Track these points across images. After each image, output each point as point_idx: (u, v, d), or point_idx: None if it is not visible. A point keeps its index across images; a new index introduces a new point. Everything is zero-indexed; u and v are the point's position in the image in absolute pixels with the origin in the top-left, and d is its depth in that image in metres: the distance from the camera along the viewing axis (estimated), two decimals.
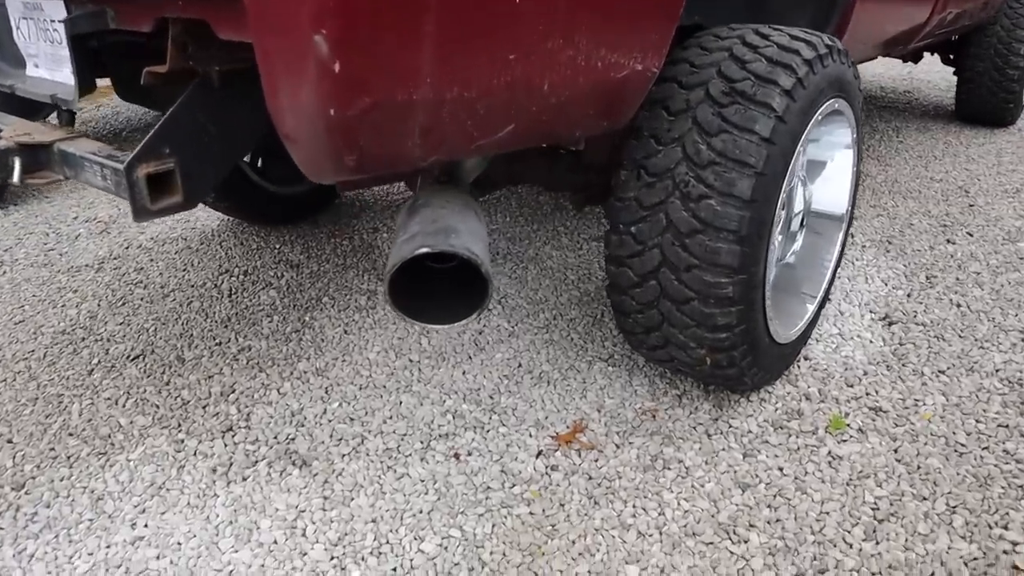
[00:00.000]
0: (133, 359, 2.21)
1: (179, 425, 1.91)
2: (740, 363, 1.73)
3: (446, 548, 1.53)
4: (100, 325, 2.40)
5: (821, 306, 2.13)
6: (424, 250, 1.11)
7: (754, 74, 1.58)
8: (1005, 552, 1.50)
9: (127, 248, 2.99)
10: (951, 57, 4.49)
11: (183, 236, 3.07)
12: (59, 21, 1.43)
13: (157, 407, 1.98)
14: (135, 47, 1.66)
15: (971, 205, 3.28)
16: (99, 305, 2.54)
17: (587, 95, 1.28)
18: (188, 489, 1.71)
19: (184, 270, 2.77)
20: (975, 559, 1.48)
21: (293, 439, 1.86)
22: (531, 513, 1.61)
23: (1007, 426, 1.86)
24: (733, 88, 1.57)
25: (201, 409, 1.97)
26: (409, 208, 1.29)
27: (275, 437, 1.86)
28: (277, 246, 2.94)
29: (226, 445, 1.84)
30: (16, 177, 1.50)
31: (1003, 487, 1.67)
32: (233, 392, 2.04)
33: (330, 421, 1.92)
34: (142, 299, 2.56)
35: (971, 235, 2.97)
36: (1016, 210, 3.22)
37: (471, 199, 1.35)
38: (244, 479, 1.73)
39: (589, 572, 1.47)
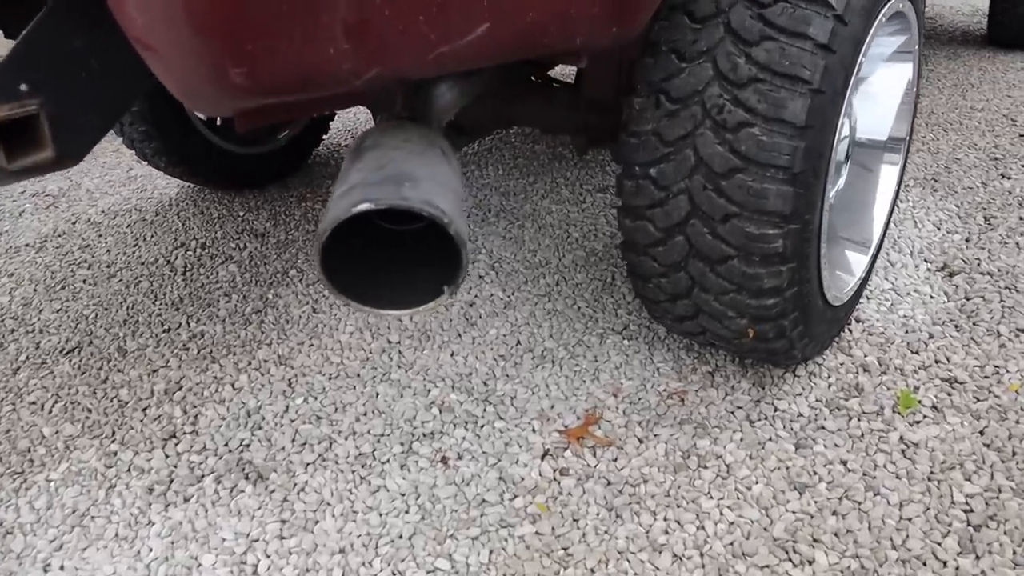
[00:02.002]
0: (67, 353, 1.88)
1: (113, 433, 1.59)
2: (790, 333, 1.40)
3: None
4: (34, 314, 2.07)
5: (875, 258, 1.79)
6: (364, 206, 0.77)
7: None
8: None
9: (74, 224, 2.64)
10: None
11: (137, 207, 2.73)
12: None
13: (89, 411, 1.66)
14: None
15: (1021, 135, 2.91)
16: (35, 290, 2.20)
17: None
18: (117, 516, 1.39)
19: (135, 246, 2.43)
20: None
21: (248, 445, 1.53)
22: (538, 534, 1.29)
23: None
24: None
25: (141, 412, 1.65)
26: (353, 151, 0.94)
27: (226, 444, 1.54)
28: (241, 214, 2.60)
29: (167, 456, 1.52)
30: None
31: None
32: (180, 389, 1.71)
33: (292, 421, 1.59)
34: (84, 281, 2.23)
35: None
36: None
37: (438, 135, 1.00)
38: (186, 500, 1.41)
39: None
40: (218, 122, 2.65)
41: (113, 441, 1.57)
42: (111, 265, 2.32)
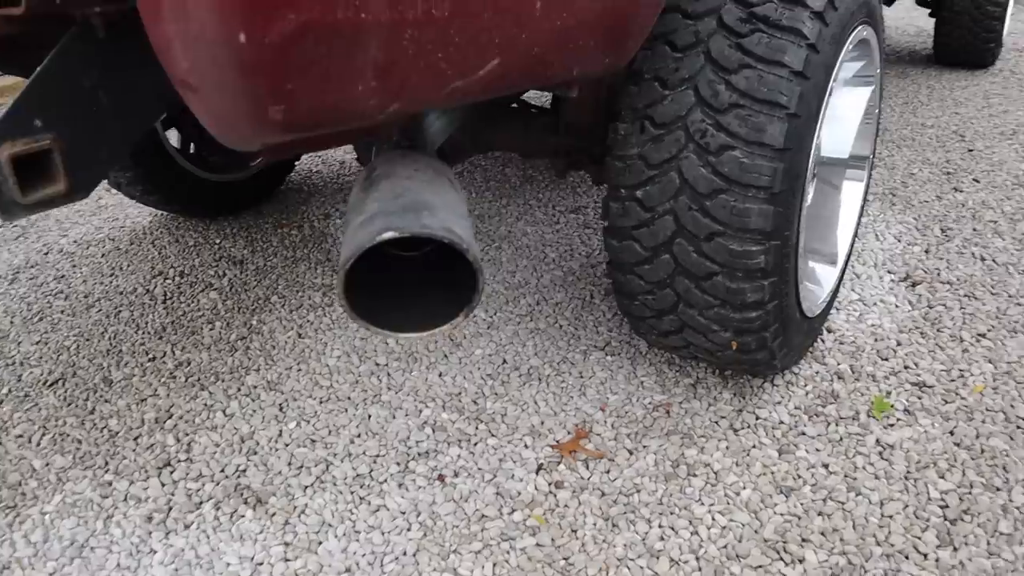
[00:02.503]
0: (51, 385, 1.87)
1: (106, 464, 1.59)
2: (771, 344, 1.46)
3: None
4: (12, 346, 2.05)
5: (843, 271, 1.87)
6: (389, 235, 0.81)
7: None
8: None
9: (46, 254, 2.62)
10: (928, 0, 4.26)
11: (111, 236, 2.71)
12: None
13: (79, 443, 1.66)
14: None
15: (970, 150, 3.05)
16: (12, 323, 2.18)
17: (590, 18, 0.98)
18: (117, 546, 1.39)
19: (111, 275, 2.42)
20: None
21: (244, 471, 1.55)
22: (538, 545, 1.33)
23: None
24: (752, 14, 1.29)
25: (132, 441, 1.65)
26: (365, 181, 0.98)
27: (222, 470, 1.55)
28: (217, 241, 2.60)
29: (163, 485, 1.52)
30: None
31: None
32: (170, 417, 1.72)
33: (287, 445, 1.61)
34: (63, 312, 2.21)
35: (978, 181, 2.74)
36: (1018, 152, 3.00)
37: (441, 164, 1.05)
38: (186, 527, 1.42)
39: None
40: (191, 149, 2.66)
41: (107, 471, 1.57)
42: (88, 295, 2.30)
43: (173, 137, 2.60)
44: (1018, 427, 1.54)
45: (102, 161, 1.09)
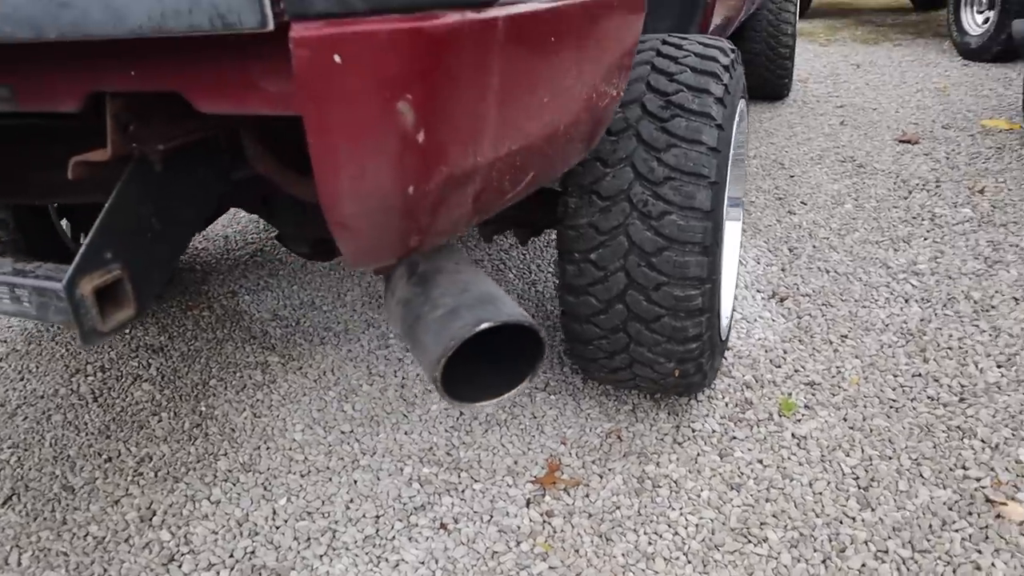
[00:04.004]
0: (4, 503, 1.83)
1: (104, 571, 1.61)
2: (705, 367, 1.76)
3: None
4: None
5: (733, 295, 2.23)
6: (485, 325, 1.00)
7: (685, 85, 1.60)
8: (974, 490, 1.65)
9: None
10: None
11: (2, 339, 2.60)
12: None
13: (66, 555, 1.65)
14: None
15: (791, 176, 3.60)
16: None
17: (585, 129, 1.23)
18: None
19: (22, 379, 2.35)
20: (956, 502, 1.62)
21: (253, 552, 1.63)
22: (551, 568, 1.53)
23: (920, 374, 2.05)
24: (670, 101, 1.58)
25: (124, 544, 1.67)
26: (413, 276, 1.15)
27: (231, 555, 1.62)
28: (128, 331, 2.58)
29: None
30: None
31: (944, 431, 1.83)
32: (155, 514, 1.75)
33: (286, 521, 1.70)
34: None
35: (805, 204, 3.25)
36: (828, 175, 3.57)
37: (463, 251, 1.24)
38: None
39: None
40: (82, 239, 2.63)
41: None
42: (4, 403, 2.23)
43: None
44: (891, 407, 1.93)
45: (156, 281, 1.19)
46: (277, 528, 1.68)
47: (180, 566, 1.60)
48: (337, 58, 0.73)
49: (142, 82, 0.94)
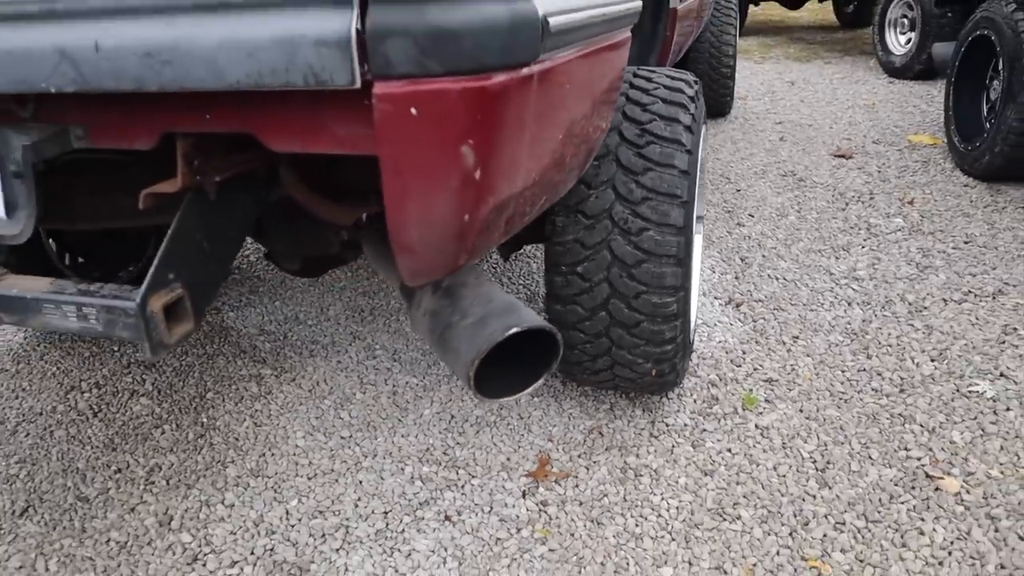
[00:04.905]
0: (21, 515, 1.91)
1: (132, 573, 1.71)
2: (679, 367, 1.95)
3: None
4: None
5: (697, 301, 2.44)
6: (515, 330, 1.16)
7: (658, 115, 1.80)
8: (916, 468, 1.88)
9: None
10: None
11: None
12: None
13: (92, 559, 1.75)
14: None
15: (738, 190, 3.86)
16: None
17: (583, 158, 1.41)
18: None
19: (16, 398, 2.41)
20: (901, 479, 1.84)
21: (272, 549, 1.75)
22: (551, 550, 1.70)
23: (865, 369, 2.28)
24: (645, 129, 1.78)
25: (147, 547, 1.78)
26: (438, 291, 1.31)
27: (252, 552, 1.75)
28: (115, 348, 2.66)
29: None
30: None
31: (887, 418, 2.06)
32: (172, 519, 1.86)
33: (300, 520, 1.83)
34: None
35: (752, 216, 3.51)
36: (772, 189, 3.84)
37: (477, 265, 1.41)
38: None
39: None
40: (67, 261, 2.70)
41: None
42: (3, 423, 2.30)
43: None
44: (841, 399, 2.16)
45: (209, 297, 1.33)
46: (292, 527, 1.81)
47: (204, 564, 1.72)
48: (414, 111, 0.89)
49: (216, 124, 1.08)
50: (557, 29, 1.01)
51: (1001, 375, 2.22)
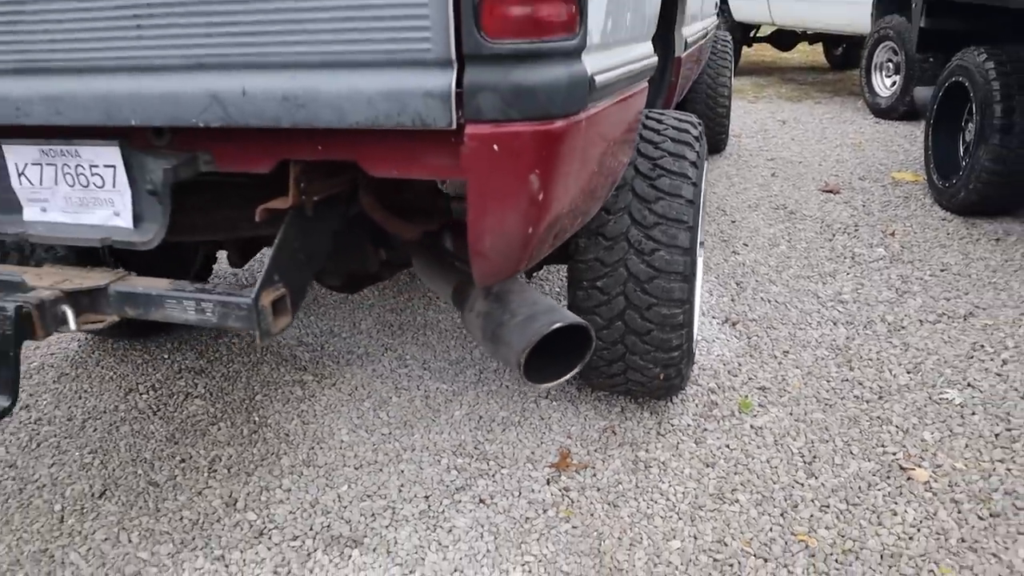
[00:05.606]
0: (100, 496, 2.15)
1: (207, 544, 1.95)
2: (684, 372, 2.22)
3: (531, 571, 1.81)
4: (28, 472, 2.27)
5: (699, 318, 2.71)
6: (558, 325, 1.43)
7: (668, 152, 2.09)
8: (891, 461, 2.14)
9: None
10: None
11: (49, 364, 2.90)
12: (105, 166, 1.51)
13: (169, 533, 1.99)
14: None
15: (733, 221, 4.15)
16: (8, 451, 2.37)
17: (610, 186, 1.70)
18: None
19: (80, 398, 2.66)
20: (878, 470, 2.10)
21: (328, 526, 2.00)
22: (574, 527, 1.95)
23: (848, 379, 2.56)
24: (656, 164, 2.07)
25: (217, 524, 2.02)
26: (489, 296, 1.58)
27: (311, 528, 1.99)
28: (165, 356, 2.91)
29: (269, 548, 1.93)
30: (72, 324, 1.56)
31: (867, 421, 2.33)
32: (236, 500, 2.10)
33: (352, 502, 2.08)
34: (56, 436, 2.44)
35: (747, 245, 3.80)
36: (765, 220, 4.14)
37: None
38: (311, 572, 1.85)
39: (647, 554, 1.85)
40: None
41: (214, 547, 1.94)
42: (71, 419, 2.54)
43: None
44: (826, 404, 2.43)
45: (302, 297, 1.60)
46: (345, 507, 2.06)
47: (270, 538, 1.96)
48: (495, 147, 1.17)
49: (326, 153, 1.36)
50: (600, 85, 1.30)
51: (969, 385, 2.50)
